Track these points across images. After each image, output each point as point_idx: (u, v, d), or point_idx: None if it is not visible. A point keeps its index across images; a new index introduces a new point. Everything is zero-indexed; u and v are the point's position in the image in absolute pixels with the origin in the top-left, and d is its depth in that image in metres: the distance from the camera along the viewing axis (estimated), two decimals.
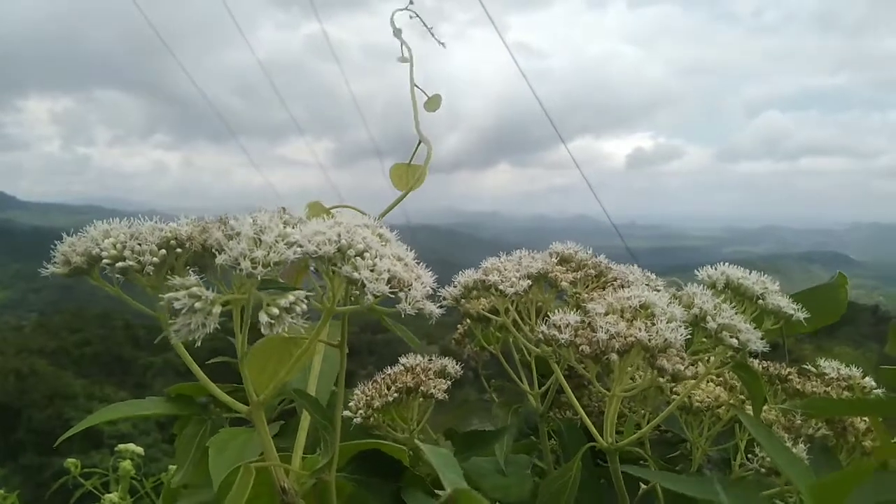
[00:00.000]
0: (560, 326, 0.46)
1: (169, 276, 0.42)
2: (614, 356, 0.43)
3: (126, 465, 1.41)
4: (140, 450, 1.46)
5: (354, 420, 0.63)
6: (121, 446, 1.46)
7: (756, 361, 0.59)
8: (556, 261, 0.63)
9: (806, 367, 0.65)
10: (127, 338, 30.05)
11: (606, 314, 0.46)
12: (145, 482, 1.44)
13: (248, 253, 0.37)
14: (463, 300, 0.64)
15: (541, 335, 0.49)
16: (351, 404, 0.65)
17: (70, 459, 1.44)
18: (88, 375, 21.23)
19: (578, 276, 0.61)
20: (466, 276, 0.62)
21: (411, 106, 0.69)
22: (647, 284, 0.63)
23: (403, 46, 0.71)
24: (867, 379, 0.62)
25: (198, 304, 0.36)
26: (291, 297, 0.38)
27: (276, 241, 0.38)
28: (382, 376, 0.69)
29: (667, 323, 0.44)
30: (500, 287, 0.56)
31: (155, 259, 0.41)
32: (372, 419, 0.63)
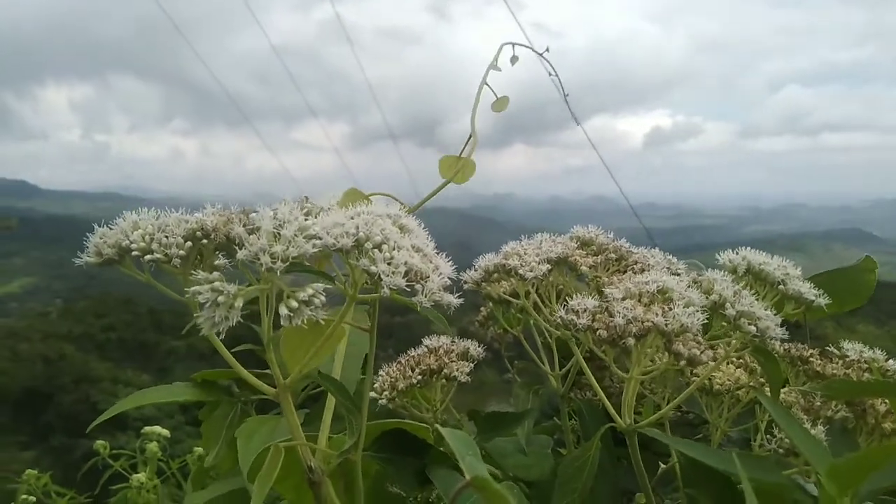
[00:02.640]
0: (578, 311, 0.47)
1: (197, 264, 0.45)
2: (631, 340, 0.44)
3: (153, 446, 1.44)
4: (166, 432, 1.50)
5: (380, 402, 0.64)
6: (147, 429, 1.49)
7: (778, 343, 0.59)
8: (576, 245, 0.64)
9: (829, 348, 0.64)
10: (151, 323, 30.51)
11: (624, 299, 0.46)
12: (171, 463, 1.48)
13: (268, 247, 0.38)
14: (484, 283, 0.64)
15: (559, 319, 0.50)
16: (376, 385, 0.66)
17: (99, 442, 1.48)
18: (113, 360, 21.62)
19: (599, 260, 0.61)
20: (487, 260, 0.63)
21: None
22: (667, 268, 0.63)
23: (513, 51, 0.69)
24: (890, 362, 0.61)
25: (220, 299, 0.38)
26: (310, 290, 0.40)
27: (296, 235, 0.39)
28: (406, 358, 0.70)
29: (684, 308, 0.45)
30: (520, 271, 0.57)
31: (181, 252, 0.43)
32: (397, 400, 0.64)
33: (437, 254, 0.45)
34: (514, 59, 0.69)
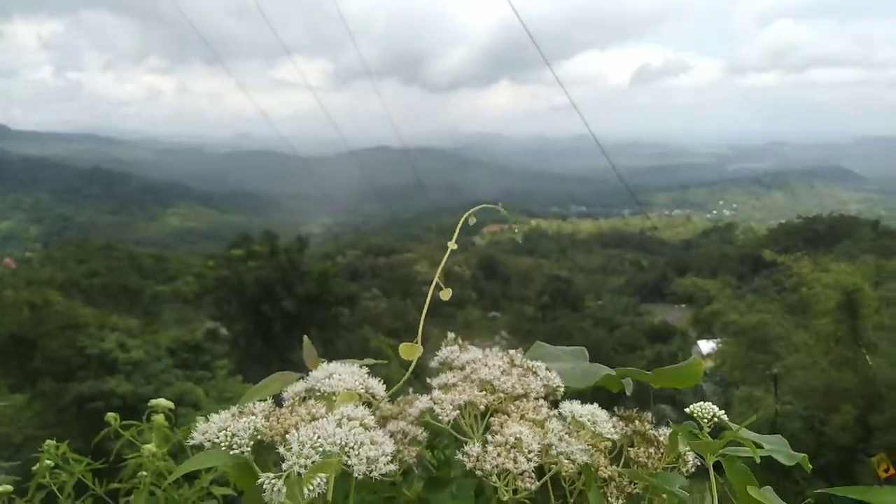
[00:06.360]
0: (468, 455, 0.69)
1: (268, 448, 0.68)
2: (494, 477, 0.67)
3: (159, 418, 1.52)
4: (171, 404, 1.56)
5: None
6: (153, 401, 1.57)
7: (616, 431, 0.77)
8: (478, 389, 0.78)
9: (657, 432, 0.78)
10: (132, 268, 30.47)
11: (496, 446, 0.68)
12: (178, 431, 1.53)
13: (297, 460, 0.62)
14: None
15: (459, 456, 0.70)
16: None
17: (110, 414, 1.53)
18: (97, 305, 21.63)
19: (491, 400, 0.77)
20: (421, 404, 0.79)
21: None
22: (544, 401, 0.77)
23: None
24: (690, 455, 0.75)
25: (275, 485, 0.61)
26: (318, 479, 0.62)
27: (310, 451, 0.63)
28: None
29: (528, 453, 0.68)
30: (438, 416, 0.75)
31: (248, 448, 0.67)
32: None
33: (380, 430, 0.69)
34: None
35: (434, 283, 0.91)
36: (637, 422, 0.79)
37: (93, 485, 1.46)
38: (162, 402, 1.54)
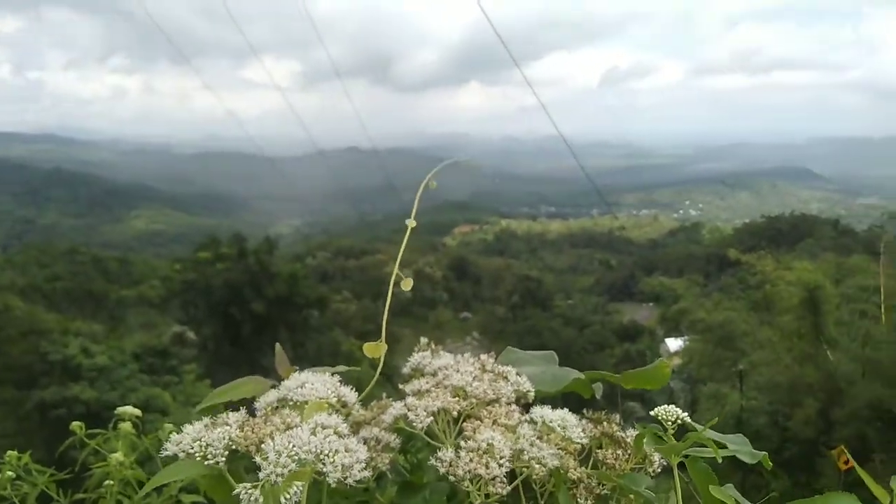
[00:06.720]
0: (441, 460, 0.70)
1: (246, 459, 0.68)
2: (466, 482, 0.69)
3: (126, 426, 1.50)
4: (138, 412, 1.53)
5: None
6: (119, 409, 1.55)
7: (585, 434, 0.79)
8: (451, 394, 0.79)
9: (623, 434, 0.80)
10: (97, 272, 29.81)
11: (468, 452, 0.69)
12: (144, 439, 1.50)
13: (273, 469, 0.62)
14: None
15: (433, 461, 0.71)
16: None
17: (75, 423, 1.50)
18: (60, 310, 21.11)
19: (464, 406, 0.78)
20: (395, 410, 0.79)
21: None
22: (515, 406, 0.79)
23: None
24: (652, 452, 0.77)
25: (252, 494, 0.61)
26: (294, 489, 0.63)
27: (286, 459, 0.63)
28: None
29: (500, 459, 0.69)
30: (412, 422, 0.76)
31: (223, 459, 0.67)
32: None
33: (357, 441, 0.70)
34: None
35: (395, 273, 0.91)
36: (605, 424, 0.81)
37: (57, 496, 1.43)
38: (129, 409, 1.51)
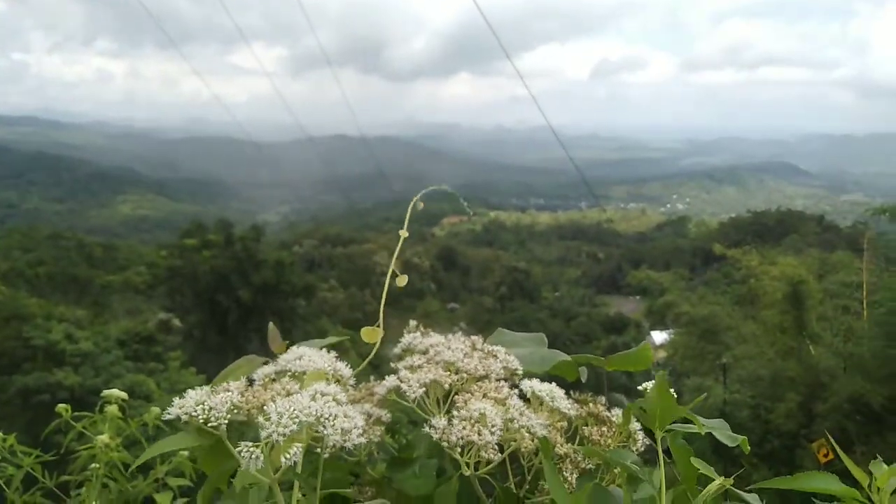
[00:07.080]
0: (435, 427, 0.71)
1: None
2: (458, 449, 0.70)
3: (112, 409, 1.50)
4: (124, 395, 1.52)
5: None
6: (105, 392, 1.54)
7: (573, 409, 0.81)
8: (443, 369, 0.81)
9: (609, 413, 0.83)
10: (81, 257, 29.52)
11: (461, 420, 0.71)
12: (131, 423, 1.50)
13: (275, 429, 0.64)
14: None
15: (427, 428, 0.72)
16: None
17: (61, 405, 1.49)
18: (44, 295, 20.89)
19: (456, 379, 0.79)
20: (388, 382, 0.81)
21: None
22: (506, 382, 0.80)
23: None
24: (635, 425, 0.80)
25: (252, 453, 0.63)
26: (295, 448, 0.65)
27: (288, 420, 0.65)
28: None
29: (492, 427, 0.71)
30: (405, 393, 0.77)
31: (225, 422, 0.67)
32: None
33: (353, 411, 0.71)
34: None
35: (390, 272, 0.92)
36: (591, 405, 0.83)
37: (42, 477, 1.42)
38: (115, 392, 1.51)
